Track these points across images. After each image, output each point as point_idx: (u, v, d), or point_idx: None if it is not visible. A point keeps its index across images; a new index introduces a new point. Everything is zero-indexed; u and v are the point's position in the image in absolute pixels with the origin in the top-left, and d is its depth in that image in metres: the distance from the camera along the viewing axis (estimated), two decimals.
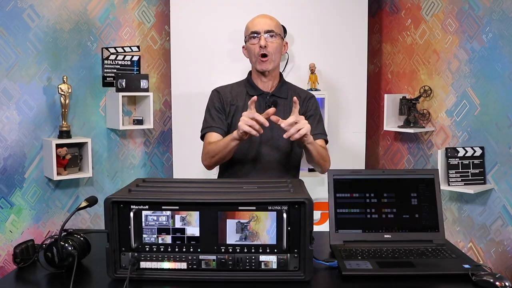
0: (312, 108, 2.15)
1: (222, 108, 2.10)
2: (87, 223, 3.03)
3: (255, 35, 2.05)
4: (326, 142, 2.16)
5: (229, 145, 1.93)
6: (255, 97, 1.86)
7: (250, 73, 2.19)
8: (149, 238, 1.33)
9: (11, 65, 2.70)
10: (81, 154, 2.86)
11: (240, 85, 2.17)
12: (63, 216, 2.90)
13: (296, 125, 1.79)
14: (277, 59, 2.09)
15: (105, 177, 3.06)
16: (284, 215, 1.30)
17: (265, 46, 2.02)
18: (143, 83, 2.95)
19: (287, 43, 2.19)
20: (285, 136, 1.81)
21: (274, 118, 1.81)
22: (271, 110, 1.82)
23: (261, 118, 1.80)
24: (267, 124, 1.81)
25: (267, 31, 2.05)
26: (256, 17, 2.11)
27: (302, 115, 2.03)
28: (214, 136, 2.06)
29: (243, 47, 2.17)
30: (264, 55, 2.04)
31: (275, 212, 1.31)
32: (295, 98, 1.85)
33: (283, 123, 1.79)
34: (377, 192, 1.63)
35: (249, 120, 1.80)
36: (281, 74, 2.19)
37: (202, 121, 2.14)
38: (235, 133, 1.88)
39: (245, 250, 1.32)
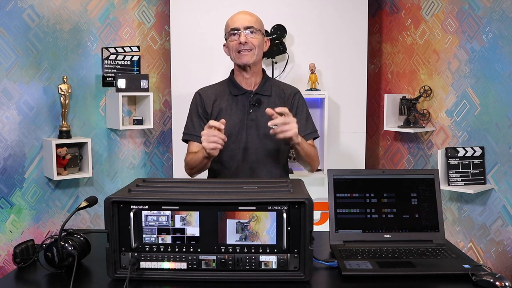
0: (298, 105, 2.10)
1: (204, 112, 2.07)
2: (87, 223, 3.03)
3: (235, 31, 2.00)
4: (316, 137, 2.13)
5: (202, 162, 1.93)
6: (223, 120, 1.81)
7: (232, 71, 2.14)
8: (149, 238, 1.33)
9: (11, 65, 2.70)
10: (81, 154, 2.86)
11: (223, 85, 2.12)
12: (63, 216, 2.90)
13: (283, 126, 1.79)
14: (258, 53, 2.03)
15: (105, 177, 3.06)
16: (284, 215, 1.30)
17: (245, 43, 1.98)
18: (143, 83, 2.95)
19: (268, 39, 2.13)
20: (271, 132, 1.81)
21: (269, 111, 1.79)
22: (222, 122, 1.80)
23: (215, 123, 1.78)
24: (222, 126, 1.78)
25: (247, 27, 2.00)
26: (235, 14, 2.07)
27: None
28: (195, 146, 2.04)
29: (224, 45, 2.11)
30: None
31: (275, 212, 1.31)
32: (268, 110, 1.79)
33: (270, 122, 1.79)
34: (377, 192, 1.63)
35: (210, 137, 1.78)
36: (264, 71, 2.14)
37: (185, 123, 2.11)
38: (204, 153, 1.85)
39: (245, 250, 1.32)
